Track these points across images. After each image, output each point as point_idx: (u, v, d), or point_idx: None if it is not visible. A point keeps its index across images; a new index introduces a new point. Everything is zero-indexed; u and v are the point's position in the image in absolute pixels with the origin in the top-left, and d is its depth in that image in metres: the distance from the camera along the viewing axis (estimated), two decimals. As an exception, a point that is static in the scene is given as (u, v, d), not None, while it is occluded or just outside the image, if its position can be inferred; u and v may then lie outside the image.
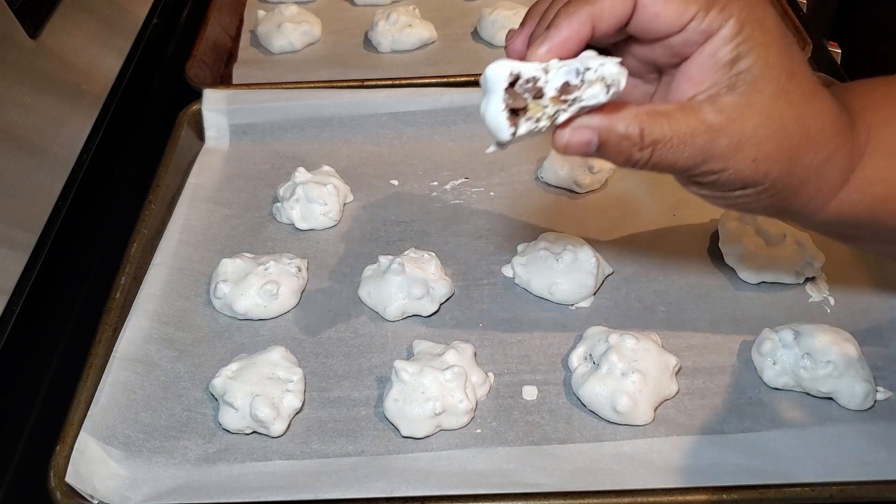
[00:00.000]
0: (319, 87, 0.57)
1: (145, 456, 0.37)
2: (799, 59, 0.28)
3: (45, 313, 0.44)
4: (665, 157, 0.27)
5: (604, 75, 0.25)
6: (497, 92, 0.26)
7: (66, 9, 0.52)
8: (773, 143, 0.27)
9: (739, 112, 0.27)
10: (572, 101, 0.26)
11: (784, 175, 0.28)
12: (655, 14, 0.26)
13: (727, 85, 0.27)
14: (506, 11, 0.64)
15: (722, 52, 0.27)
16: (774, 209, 0.30)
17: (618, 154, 0.27)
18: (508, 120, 0.26)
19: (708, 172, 0.28)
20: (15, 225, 0.44)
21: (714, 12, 0.26)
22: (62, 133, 0.50)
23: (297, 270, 0.46)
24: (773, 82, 0.27)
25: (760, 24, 0.27)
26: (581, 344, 0.41)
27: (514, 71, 0.26)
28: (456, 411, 0.38)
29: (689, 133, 0.27)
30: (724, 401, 0.39)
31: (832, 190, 0.30)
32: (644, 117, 0.27)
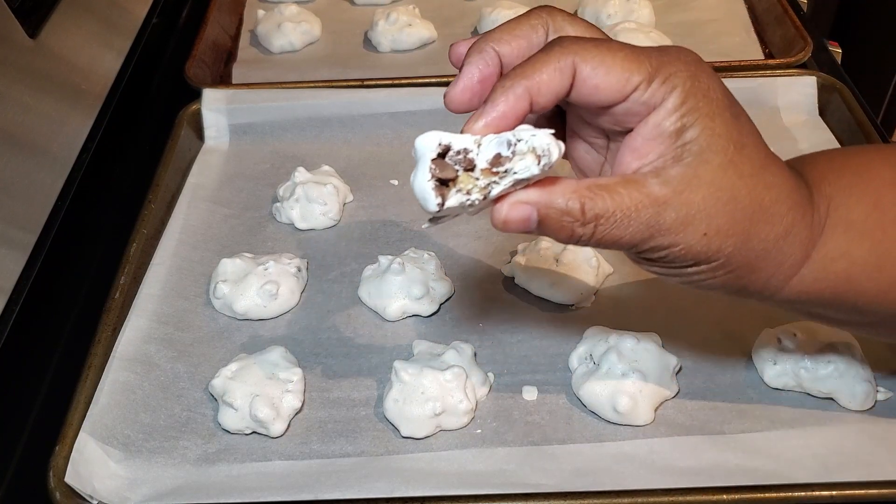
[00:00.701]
0: (319, 87, 0.57)
1: (145, 456, 0.37)
2: (749, 130, 0.27)
3: (44, 313, 0.44)
4: (609, 232, 0.26)
5: (535, 146, 0.25)
6: (424, 162, 0.25)
7: (65, 8, 0.52)
8: (725, 215, 0.26)
9: (686, 184, 0.26)
10: (504, 172, 0.25)
11: (739, 250, 0.27)
12: (595, 87, 0.25)
13: (673, 157, 0.26)
14: (506, 11, 0.64)
15: (666, 124, 0.26)
16: (733, 287, 0.28)
17: (559, 230, 0.26)
18: (435, 190, 0.25)
19: (656, 248, 0.26)
20: (14, 224, 0.44)
21: (657, 83, 0.25)
22: (62, 133, 0.50)
23: (297, 270, 0.46)
24: (720, 153, 0.26)
25: (705, 95, 0.26)
26: (581, 344, 0.41)
27: (444, 142, 0.25)
28: (456, 412, 0.38)
29: (633, 207, 0.26)
30: (725, 401, 0.39)
31: (793, 266, 0.28)
32: (584, 192, 0.25)
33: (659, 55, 0.26)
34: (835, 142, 0.53)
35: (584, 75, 0.25)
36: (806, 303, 0.30)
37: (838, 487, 0.34)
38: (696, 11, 0.66)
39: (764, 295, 0.29)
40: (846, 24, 0.95)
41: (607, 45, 0.25)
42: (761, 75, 0.56)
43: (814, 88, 0.55)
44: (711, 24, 0.65)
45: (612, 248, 0.27)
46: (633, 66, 0.25)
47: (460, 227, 0.49)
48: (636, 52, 0.25)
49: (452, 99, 0.27)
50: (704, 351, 0.41)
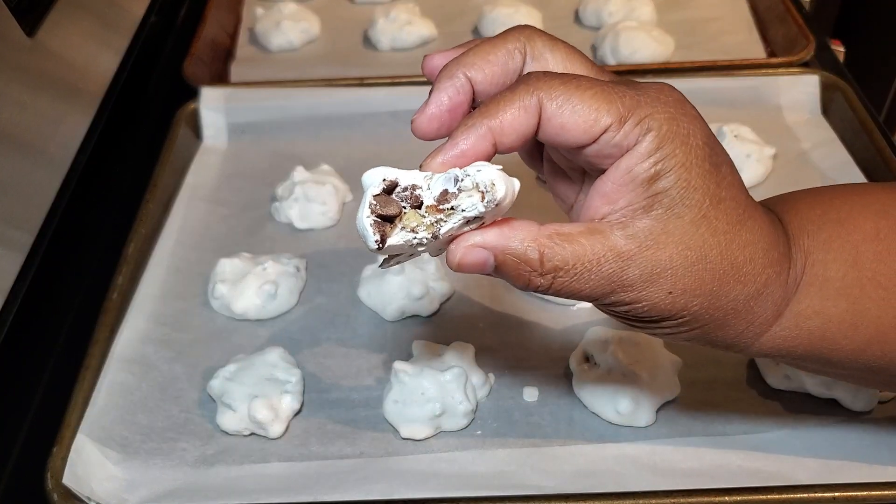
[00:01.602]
0: (318, 86, 0.56)
1: (143, 458, 0.37)
2: (729, 181, 0.25)
3: (41, 314, 0.44)
4: (568, 285, 0.24)
5: (477, 182, 0.23)
6: (365, 198, 0.24)
7: (63, 7, 0.52)
8: (692, 275, 0.25)
9: (654, 239, 0.24)
10: (450, 210, 0.24)
11: (706, 309, 0.25)
12: (560, 126, 0.24)
13: (643, 206, 0.24)
14: (506, 9, 0.63)
15: (639, 169, 0.24)
16: (701, 341, 0.27)
17: (517, 278, 0.25)
18: (374, 227, 0.24)
19: (618, 303, 0.25)
20: (11, 224, 0.43)
21: (629, 125, 0.23)
22: (59, 132, 0.49)
23: (296, 270, 0.45)
24: (693, 208, 0.24)
25: (684, 142, 0.24)
26: (582, 344, 0.40)
27: (389, 177, 0.24)
28: (456, 413, 0.37)
29: (594, 260, 0.24)
30: (727, 402, 0.39)
31: (763, 324, 0.27)
32: (544, 240, 0.24)
33: (635, 94, 0.24)
34: (837, 141, 0.53)
35: (549, 114, 0.24)
36: (782, 357, 0.29)
37: (840, 489, 0.34)
38: (698, 10, 0.66)
39: (735, 349, 0.28)
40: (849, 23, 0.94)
41: (576, 83, 0.24)
42: (763, 74, 0.56)
43: (816, 87, 0.55)
44: (713, 23, 0.64)
45: (573, 299, 0.26)
46: (602, 106, 0.23)
47: (460, 227, 0.49)
48: (607, 91, 0.24)
49: (419, 126, 0.26)
50: (706, 351, 0.41)
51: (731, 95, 0.54)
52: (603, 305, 0.26)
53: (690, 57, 0.59)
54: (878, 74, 0.91)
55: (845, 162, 0.51)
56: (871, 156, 0.50)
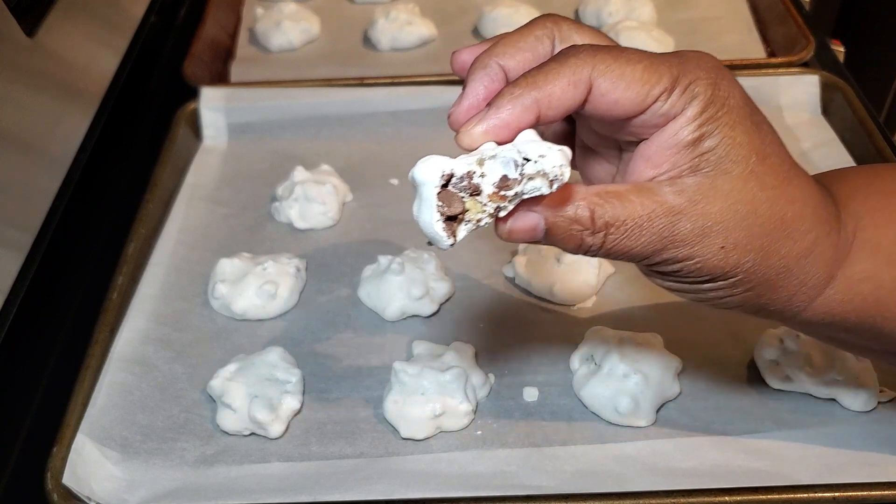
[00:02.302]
0: (318, 86, 0.56)
1: (143, 458, 0.37)
2: (772, 139, 0.26)
3: (41, 314, 0.44)
4: (620, 242, 0.25)
5: (544, 170, 0.23)
6: (429, 199, 0.23)
7: (63, 7, 0.52)
8: (743, 229, 0.25)
9: (703, 194, 0.24)
10: (513, 196, 0.23)
11: (759, 266, 0.25)
12: (614, 101, 0.24)
13: (689, 167, 0.24)
14: (506, 9, 0.63)
15: (684, 133, 0.24)
16: (752, 306, 0.27)
17: (568, 240, 0.25)
18: (446, 230, 0.23)
19: (670, 261, 0.25)
20: (11, 224, 0.43)
21: (677, 93, 0.24)
22: (59, 132, 0.49)
23: (296, 270, 0.45)
24: (740, 163, 0.24)
25: (725, 103, 0.24)
26: (582, 345, 0.40)
27: (446, 171, 0.23)
28: (456, 413, 0.37)
29: (645, 216, 0.24)
30: (727, 402, 0.39)
31: (816, 286, 0.27)
32: (594, 199, 0.24)
33: (679, 63, 0.24)
34: (837, 141, 0.53)
35: (603, 90, 0.24)
36: (830, 325, 0.28)
37: (841, 489, 0.34)
38: (699, 9, 0.66)
39: (786, 315, 0.28)
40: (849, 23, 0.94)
41: (626, 56, 0.24)
42: (763, 74, 0.56)
43: (816, 87, 0.55)
44: (713, 23, 0.64)
45: (623, 260, 0.26)
46: (653, 78, 0.24)
47: (460, 227, 0.49)
48: (655, 62, 0.24)
49: (458, 119, 0.25)
50: (706, 352, 0.41)
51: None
52: (653, 266, 0.26)
53: (690, 57, 0.59)
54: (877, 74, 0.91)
55: (845, 162, 0.51)
56: (871, 156, 0.50)
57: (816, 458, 0.36)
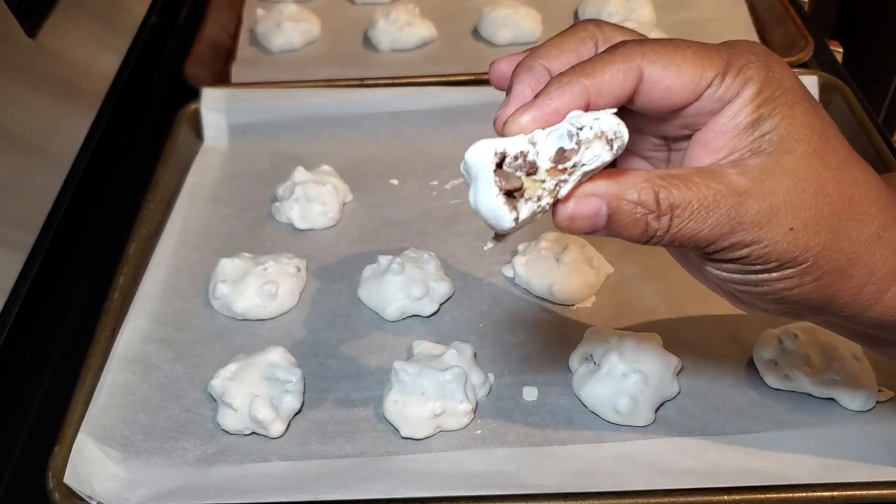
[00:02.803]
0: (319, 86, 0.57)
1: (144, 457, 0.37)
2: (830, 122, 0.25)
3: (43, 313, 0.44)
4: (686, 225, 0.24)
5: (603, 130, 0.22)
6: (486, 177, 0.22)
7: (64, 7, 0.52)
8: (812, 208, 0.24)
9: (768, 173, 0.24)
10: (572, 167, 0.22)
11: (828, 250, 0.24)
12: (667, 89, 0.23)
13: (750, 150, 0.24)
14: (506, 10, 0.63)
15: (742, 115, 0.24)
16: (820, 298, 0.25)
17: (632, 225, 0.24)
18: (507, 205, 0.22)
19: (738, 245, 0.24)
20: (13, 224, 0.43)
21: (730, 77, 0.23)
22: (60, 132, 0.50)
23: (297, 270, 0.45)
24: (803, 142, 0.24)
25: (780, 84, 0.24)
26: (582, 344, 0.40)
27: (499, 150, 0.22)
28: (456, 412, 0.37)
29: (711, 197, 0.23)
30: (726, 402, 0.39)
31: (887, 276, 0.25)
32: (658, 181, 0.23)
33: (728, 48, 0.24)
34: (836, 141, 0.53)
35: (655, 78, 0.23)
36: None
37: (839, 488, 0.34)
38: (697, 10, 0.66)
39: (854, 309, 0.26)
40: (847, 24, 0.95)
41: (674, 44, 0.24)
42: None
43: (815, 88, 0.55)
44: (712, 24, 0.65)
45: (689, 247, 0.24)
46: (704, 62, 0.23)
47: (460, 227, 0.49)
48: (705, 48, 0.24)
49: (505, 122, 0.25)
50: (705, 351, 0.41)
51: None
52: (719, 253, 0.25)
53: (690, 58, 0.60)
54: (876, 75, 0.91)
55: (844, 162, 0.51)
56: (869, 157, 0.50)
57: (815, 458, 0.36)
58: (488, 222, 0.23)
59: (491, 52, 0.63)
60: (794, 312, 0.27)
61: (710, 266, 0.26)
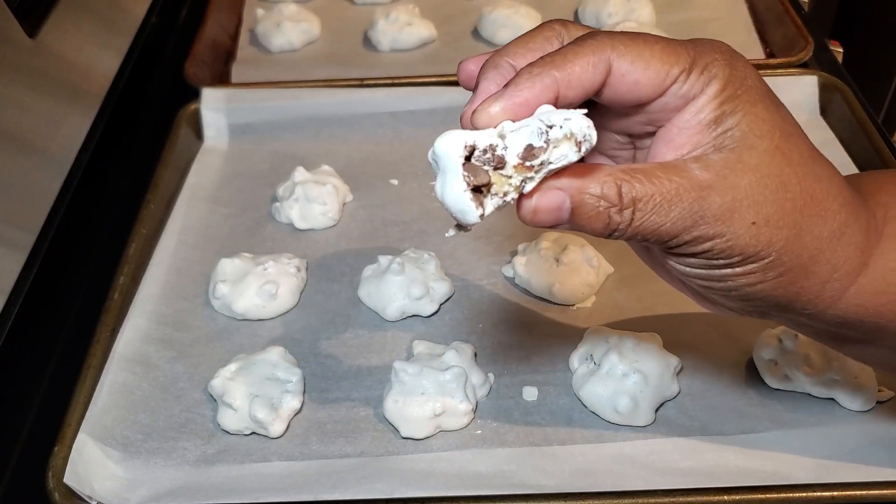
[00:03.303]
0: (319, 87, 0.57)
1: (144, 457, 0.37)
2: (792, 120, 0.25)
3: (43, 313, 0.44)
4: (648, 219, 0.24)
5: (573, 131, 0.22)
6: (454, 170, 0.22)
7: (64, 8, 0.52)
8: (774, 203, 0.24)
9: (731, 168, 0.24)
10: (539, 165, 0.22)
11: (791, 245, 0.24)
12: (635, 83, 0.24)
13: (713, 145, 0.24)
14: (506, 10, 0.64)
15: (705, 111, 0.24)
16: (783, 296, 0.25)
17: (595, 218, 0.24)
18: (473, 200, 0.22)
19: (700, 239, 0.24)
20: (13, 225, 0.44)
21: (695, 74, 0.24)
22: (60, 132, 0.50)
23: (296, 270, 0.45)
24: (764, 138, 0.24)
25: (743, 83, 0.24)
26: (582, 344, 0.41)
27: (469, 142, 0.22)
28: (456, 412, 0.37)
29: (674, 191, 0.23)
30: (726, 401, 0.39)
31: (849, 273, 0.26)
32: (620, 175, 0.24)
33: (694, 46, 0.24)
34: (836, 141, 0.53)
35: (623, 71, 0.23)
36: (861, 322, 0.27)
37: (839, 488, 0.34)
38: (697, 10, 0.66)
39: (817, 307, 0.26)
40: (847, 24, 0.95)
41: (643, 38, 0.24)
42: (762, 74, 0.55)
43: (815, 88, 0.55)
44: (712, 24, 0.65)
45: (652, 241, 0.24)
46: (671, 58, 0.24)
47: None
48: (672, 44, 0.24)
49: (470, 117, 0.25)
50: (705, 351, 0.41)
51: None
52: (681, 247, 0.25)
53: (690, 58, 0.60)
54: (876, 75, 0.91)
55: (844, 163, 0.51)
56: (869, 156, 0.50)
57: (815, 458, 0.36)
58: (453, 215, 0.23)
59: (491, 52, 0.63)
60: (760, 310, 0.27)
61: (673, 261, 0.26)
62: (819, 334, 0.29)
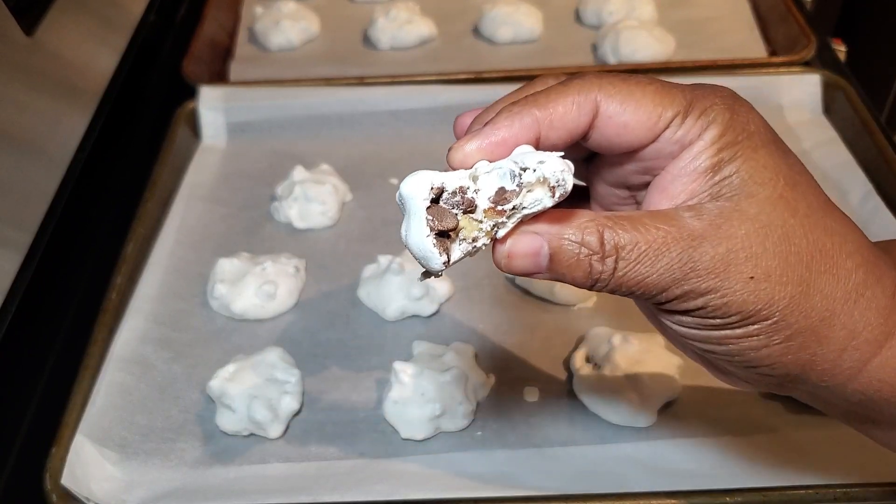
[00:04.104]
0: (318, 85, 0.56)
1: (141, 458, 0.37)
2: (802, 168, 0.23)
3: (40, 313, 0.44)
4: (633, 269, 0.21)
5: (545, 176, 0.21)
6: (418, 214, 0.21)
7: (62, 5, 0.51)
8: (776, 256, 0.21)
9: (726, 217, 0.21)
10: (511, 210, 0.21)
11: (798, 305, 0.21)
12: (624, 125, 0.22)
13: (709, 194, 0.22)
14: (506, 8, 0.63)
15: (701, 159, 0.22)
16: (795, 363, 0.23)
17: (575, 267, 0.22)
18: (437, 246, 0.21)
19: (692, 294, 0.22)
20: (10, 224, 0.43)
21: (692, 118, 0.22)
22: (58, 131, 0.49)
23: (295, 270, 0.45)
24: (766, 185, 0.22)
25: (745, 128, 0.22)
26: (583, 345, 0.40)
27: (436, 184, 0.21)
28: (456, 413, 0.37)
29: (661, 239, 0.21)
30: (728, 402, 0.38)
31: (870, 342, 0.22)
32: (604, 220, 0.22)
33: (693, 89, 0.23)
34: (839, 140, 0.52)
35: (610, 112, 0.22)
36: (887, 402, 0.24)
37: (842, 489, 0.33)
38: (700, 9, 0.66)
39: (836, 378, 0.23)
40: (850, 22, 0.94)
41: (635, 80, 0.22)
42: (765, 73, 0.55)
43: (818, 87, 0.54)
44: (715, 22, 0.64)
45: (639, 295, 0.22)
46: (665, 101, 0.22)
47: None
48: (667, 86, 0.22)
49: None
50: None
51: (733, 95, 0.54)
52: (673, 303, 0.22)
53: (692, 56, 0.59)
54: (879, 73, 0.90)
55: (847, 161, 0.51)
56: (872, 155, 0.50)
57: (816, 458, 0.35)
58: (418, 261, 0.22)
59: (491, 50, 0.63)
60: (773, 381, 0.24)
61: (666, 320, 0.24)
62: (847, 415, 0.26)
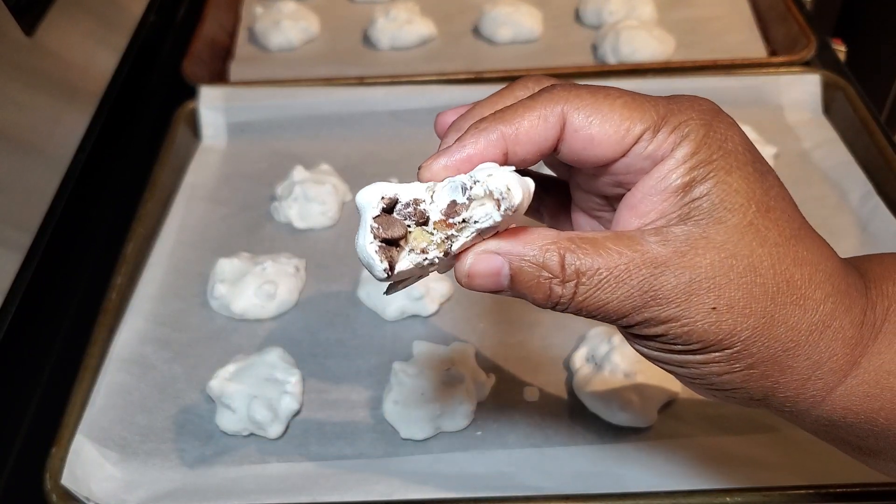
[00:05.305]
0: (318, 85, 0.56)
1: (141, 458, 0.37)
2: (778, 193, 0.22)
3: (40, 314, 0.44)
4: (593, 295, 0.21)
5: (489, 189, 0.20)
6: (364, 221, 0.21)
7: (62, 6, 0.51)
8: (739, 288, 0.21)
9: (692, 244, 0.21)
10: (462, 223, 0.21)
11: (760, 336, 0.21)
12: (590, 139, 0.21)
13: (679, 215, 0.21)
14: (507, 8, 0.63)
15: (672, 177, 0.21)
16: (758, 390, 0.23)
17: (535, 288, 0.21)
18: (380, 253, 0.21)
19: (652, 321, 0.21)
20: (10, 224, 0.43)
21: (664, 133, 0.21)
22: (58, 131, 0.49)
23: (295, 270, 0.45)
24: (737, 212, 0.21)
25: (721, 146, 0.21)
26: (583, 345, 0.40)
27: (388, 194, 0.21)
28: (456, 413, 0.37)
29: (623, 266, 0.21)
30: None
31: (835, 371, 0.22)
32: (565, 243, 0.21)
33: (667, 102, 0.22)
34: (839, 140, 0.52)
35: (577, 125, 0.21)
36: (854, 427, 0.23)
37: (842, 488, 0.34)
38: (700, 8, 0.66)
39: (799, 406, 0.23)
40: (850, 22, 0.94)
41: (604, 92, 0.22)
42: (765, 73, 0.55)
43: (818, 86, 0.54)
44: (715, 22, 0.64)
45: (600, 319, 0.22)
46: (634, 115, 0.21)
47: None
48: (638, 99, 0.22)
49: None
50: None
51: (733, 95, 0.54)
52: (635, 328, 0.22)
53: (691, 56, 0.59)
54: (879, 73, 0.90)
55: (847, 161, 0.51)
56: (872, 155, 0.50)
57: (816, 458, 0.35)
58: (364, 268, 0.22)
59: (491, 50, 0.63)
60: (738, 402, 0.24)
61: (631, 341, 0.24)
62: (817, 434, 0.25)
